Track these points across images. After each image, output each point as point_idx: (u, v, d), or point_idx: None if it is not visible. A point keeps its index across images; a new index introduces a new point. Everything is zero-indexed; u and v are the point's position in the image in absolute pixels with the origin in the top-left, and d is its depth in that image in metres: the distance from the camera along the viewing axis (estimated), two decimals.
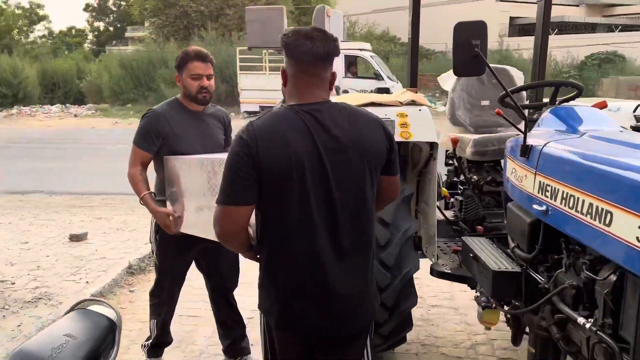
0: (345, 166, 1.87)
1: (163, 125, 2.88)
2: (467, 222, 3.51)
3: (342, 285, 1.87)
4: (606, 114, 2.63)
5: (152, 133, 2.88)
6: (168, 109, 2.95)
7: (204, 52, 2.96)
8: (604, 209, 1.82)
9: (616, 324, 1.86)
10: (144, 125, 2.92)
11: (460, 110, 3.70)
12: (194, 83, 2.89)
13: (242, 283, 4.68)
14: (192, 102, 2.96)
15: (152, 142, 2.88)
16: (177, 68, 2.94)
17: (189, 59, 2.90)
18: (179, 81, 2.94)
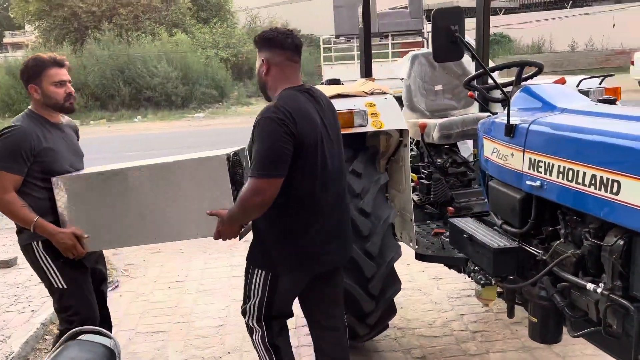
0: (335, 137, 2.41)
1: (33, 141, 2.57)
2: (435, 204, 3.60)
3: (345, 225, 2.51)
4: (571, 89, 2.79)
5: (23, 152, 2.53)
6: (30, 123, 2.63)
7: (61, 57, 2.72)
8: (610, 179, 1.93)
9: (626, 286, 1.98)
10: (10, 145, 2.54)
11: (417, 97, 3.78)
12: (59, 90, 2.64)
13: (203, 292, 4.52)
14: (53, 113, 2.71)
15: (23, 163, 2.54)
16: (31, 78, 2.64)
17: (46, 65, 2.63)
18: (36, 92, 2.64)
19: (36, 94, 2.63)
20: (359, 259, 2.95)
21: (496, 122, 2.71)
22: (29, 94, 2.67)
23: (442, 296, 4.29)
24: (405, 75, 3.77)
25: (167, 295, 4.47)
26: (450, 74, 3.86)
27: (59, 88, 2.64)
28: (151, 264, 5.18)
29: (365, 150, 3.16)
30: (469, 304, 4.12)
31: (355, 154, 3.10)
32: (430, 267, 4.69)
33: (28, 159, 2.55)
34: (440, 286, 4.44)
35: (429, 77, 3.83)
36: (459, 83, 3.88)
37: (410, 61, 3.83)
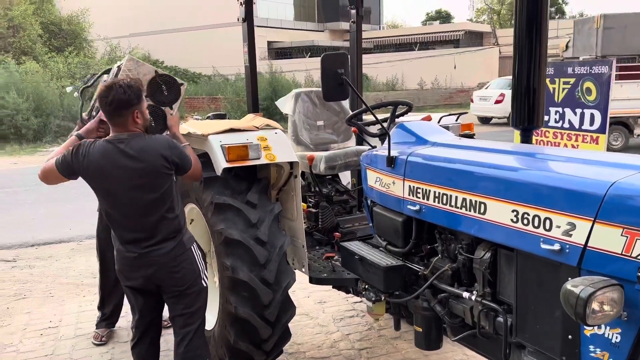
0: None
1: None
2: (323, 230, 3.84)
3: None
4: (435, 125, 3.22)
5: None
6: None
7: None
8: (478, 201, 2.30)
9: (494, 292, 2.35)
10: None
11: (302, 131, 4.03)
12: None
13: (82, 336, 4.25)
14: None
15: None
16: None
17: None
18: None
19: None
20: (256, 286, 3.05)
21: (378, 154, 3.04)
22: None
23: (327, 319, 4.51)
24: (290, 111, 4.02)
25: (40, 344, 4.14)
26: (330, 110, 4.19)
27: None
28: (16, 312, 4.74)
29: (258, 181, 3.31)
30: (353, 324, 4.39)
31: (249, 185, 3.24)
32: (314, 291, 4.92)
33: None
34: (326, 309, 4.67)
35: (312, 113, 4.12)
36: (339, 119, 4.22)
37: (294, 99, 4.09)
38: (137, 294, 2.84)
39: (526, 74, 2.64)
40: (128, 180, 2.58)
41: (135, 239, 2.67)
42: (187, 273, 2.76)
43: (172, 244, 2.70)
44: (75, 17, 26.04)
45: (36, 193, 9.84)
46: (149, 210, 2.63)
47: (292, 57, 34.58)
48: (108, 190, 2.63)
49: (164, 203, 2.66)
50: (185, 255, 2.76)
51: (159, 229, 2.66)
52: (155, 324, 2.98)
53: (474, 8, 55.30)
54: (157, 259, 2.67)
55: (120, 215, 2.67)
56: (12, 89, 16.99)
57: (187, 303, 2.80)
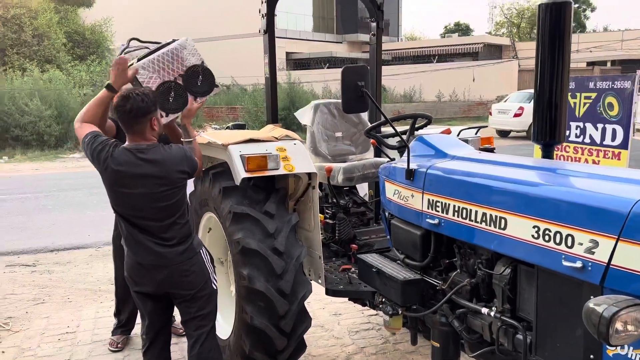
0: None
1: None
2: (340, 242, 3.83)
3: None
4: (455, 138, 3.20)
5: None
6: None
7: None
8: (498, 216, 2.28)
9: (514, 308, 2.32)
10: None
11: (320, 142, 4.04)
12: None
13: (98, 342, 4.28)
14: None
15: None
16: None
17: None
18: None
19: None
20: (272, 297, 3.05)
21: (397, 167, 3.03)
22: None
23: (343, 331, 4.48)
24: (309, 122, 4.04)
25: (57, 349, 4.18)
26: (348, 122, 4.20)
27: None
28: (35, 316, 4.80)
29: (276, 192, 3.32)
30: (368, 337, 4.36)
31: (267, 195, 3.25)
32: (329, 303, 4.90)
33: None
34: (341, 321, 4.64)
35: (330, 124, 4.13)
36: (357, 130, 4.22)
37: (313, 110, 4.11)
38: (146, 299, 2.88)
39: (548, 88, 2.62)
40: (145, 188, 2.62)
41: (146, 244, 2.71)
42: (197, 276, 2.80)
43: (183, 248, 2.74)
44: (98, 26, 26.50)
45: (56, 199, 9.99)
46: (162, 216, 2.68)
47: (310, 68, 34.77)
48: (123, 195, 2.67)
49: (177, 210, 2.72)
50: (195, 259, 2.80)
51: (170, 234, 2.71)
52: (165, 329, 3.01)
53: (493, 21, 55.16)
54: (168, 263, 2.72)
55: (132, 220, 2.71)
56: (35, 96, 17.32)
57: (199, 306, 2.85)
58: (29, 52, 21.60)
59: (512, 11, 50.11)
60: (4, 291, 5.37)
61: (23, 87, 17.87)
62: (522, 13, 49.17)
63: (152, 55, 2.96)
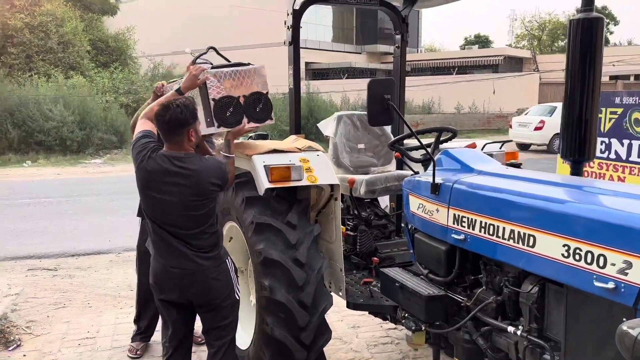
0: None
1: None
2: (361, 254, 3.80)
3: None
4: (480, 152, 3.17)
5: None
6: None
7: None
8: (527, 233, 2.24)
9: (541, 327, 2.28)
10: None
11: (342, 154, 4.04)
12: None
13: (118, 348, 4.31)
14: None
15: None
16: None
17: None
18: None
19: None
20: (293, 308, 3.04)
21: (421, 180, 3.00)
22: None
23: (361, 344, 4.44)
24: (332, 133, 4.03)
25: (77, 354, 4.20)
26: (371, 134, 4.19)
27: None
28: (56, 320, 4.85)
29: (298, 202, 3.32)
30: (387, 351, 4.31)
31: (290, 206, 3.25)
32: (347, 316, 4.87)
33: None
34: (359, 334, 4.60)
35: (353, 136, 4.13)
36: (380, 143, 4.21)
37: (336, 121, 4.11)
38: (171, 308, 2.88)
39: (578, 104, 2.58)
40: (177, 197, 2.64)
41: (173, 251, 2.73)
42: (223, 286, 2.81)
43: (210, 256, 2.76)
44: (122, 34, 26.93)
45: (78, 204, 10.12)
46: (190, 225, 2.70)
47: (329, 78, 34.88)
48: (153, 199, 2.71)
49: (206, 220, 2.73)
50: (222, 268, 2.81)
51: (198, 242, 2.73)
52: (188, 338, 3.01)
53: (513, 33, 54.86)
54: (196, 269, 2.73)
55: (162, 226, 2.73)
56: (59, 102, 17.61)
57: (222, 316, 2.86)
58: (54, 59, 21.99)
59: (534, 23, 49.82)
60: (26, 294, 5.44)
61: (48, 93, 18.19)
62: (544, 26, 48.84)
63: (226, 69, 3.11)
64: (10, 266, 6.45)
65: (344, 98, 26.71)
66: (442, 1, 4.36)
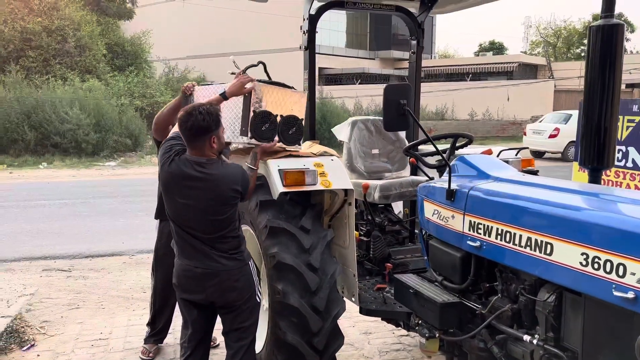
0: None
1: None
2: (374, 260, 3.79)
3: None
4: (497, 159, 3.14)
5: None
6: None
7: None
8: (544, 241, 2.22)
9: (558, 337, 2.25)
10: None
11: (356, 159, 4.03)
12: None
13: (130, 350, 4.32)
14: None
15: None
16: None
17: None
18: None
19: None
20: (306, 313, 3.03)
21: (436, 186, 2.99)
22: None
23: (373, 350, 4.41)
24: (346, 138, 4.03)
25: (90, 355, 4.23)
26: (385, 139, 4.18)
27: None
28: (70, 321, 4.88)
29: (312, 207, 3.31)
30: (399, 358, 4.28)
31: (303, 210, 3.24)
32: (359, 321, 4.84)
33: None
34: (371, 341, 4.58)
35: (367, 141, 4.12)
36: (394, 148, 4.20)
37: (350, 126, 4.11)
38: (191, 307, 2.91)
39: (597, 111, 2.55)
40: (197, 201, 2.68)
41: (196, 252, 2.76)
42: (244, 288, 2.83)
43: (232, 260, 2.78)
44: (137, 38, 27.20)
45: (92, 206, 10.20)
46: (211, 230, 2.73)
47: (342, 83, 34.90)
48: (174, 202, 2.76)
49: (227, 225, 2.76)
50: (245, 270, 2.83)
51: (220, 246, 2.76)
52: (206, 339, 3.03)
53: (528, 40, 54.53)
54: (219, 269, 2.75)
55: (183, 229, 2.77)
56: (75, 105, 17.81)
57: (242, 318, 2.87)
58: (71, 63, 22.25)
59: (549, 30, 49.50)
60: (41, 295, 5.49)
61: (64, 96, 18.41)
62: (559, 33, 48.50)
63: (273, 87, 3.19)
64: (25, 266, 6.52)
65: (357, 103, 26.72)
66: (458, 7, 4.35)
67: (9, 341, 4.32)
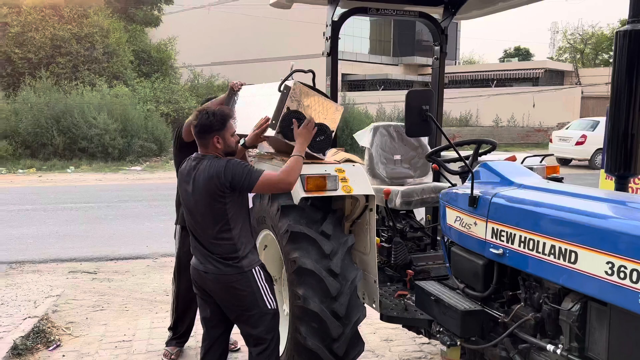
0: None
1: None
2: (395, 267, 3.77)
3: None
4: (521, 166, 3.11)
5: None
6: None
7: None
8: (569, 249, 2.18)
9: (582, 347, 2.20)
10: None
11: (378, 165, 4.03)
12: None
13: (153, 352, 4.37)
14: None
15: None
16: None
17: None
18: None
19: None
20: (326, 319, 3.03)
21: (459, 193, 2.96)
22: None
23: (394, 358, 4.38)
24: (368, 144, 4.03)
25: (114, 356, 4.29)
26: (408, 145, 4.17)
27: None
28: (94, 322, 4.96)
29: (333, 212, 3.32)
30: None
31: (324, 216, 3.25)
32: (380, 328, 4.82)
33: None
34: (392, 348, 4.54)
35: (389, 147, 4.11)
36: (416, 154, 4.18)
37: (372, 132, 4.11)
38: (205, 305, 3.00)
39: (624, 118, 2.51)
40: (188, 194, 2.85)
41: (198, 252, 2.90)
42: (245, 295, 2.85)
43: (227, 266, 2.82)
44: (163, 45, 27.64)
45: (117, 209, 10.38)
46: (204, 226, 2.83)
47: (365, 89, 34.89)
48: (182, 199, 2.94)
49: (216, 223, 2.80)
50: (244, 278, 2.84)
51: (214, 248, 2.83)
52: (222, 340, 3.06)
53: (555, 46, 53.76)
54: (213, 276, 2.84)
55: (190, 226, 2.93)
56: (103, 110, 18.17)
57: (251, 325, 2.91)
58: (99, 69, 22.71)
59: (576, 36, 48.74)
60: (67, 296, 5.59)
61: (92, 101, 18.79)
62: (587, 39, 47.69)
63: (312, 91, 3.24)
64: (52, 268, 6.66)
65: (380, 109, 26.66)
66: (482, 13, 4.32)
67: (35, 341, 4.41)
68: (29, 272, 6.46)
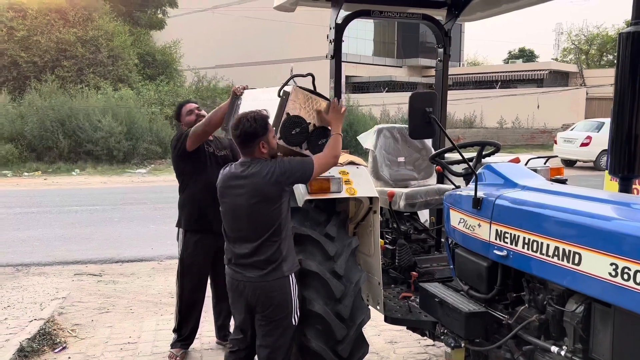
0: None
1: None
2: (399, 269, 3.77)
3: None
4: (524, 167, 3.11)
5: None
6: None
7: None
8: (572, 251, 2.18)
9: (586, 348, 2.21)
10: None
11: (382, 167, 4.03)
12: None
13: (158, 354, 4.38)
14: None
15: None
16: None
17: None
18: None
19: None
20: (330, 321, 3.04)
21: (462, 194, 2.97)
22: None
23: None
24: (372, 146, 4.04)
25: (119, 358, 4.30)
26: (411, 147, 4.17)
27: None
28: (100, 324, 4.98)
29: (337, 214, 3.33)
30: None
31: (328, 218, 3.26)
32: (385, 330, 4.82)
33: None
34: (397, 350, 4.54)
35: (393, 149, 4.12)
36: (420, 156, 4.19)
37: (376, 134, 4.11)
38: (236, 312, 3.03)
39: (628, 118, 2.51)
40: (238, 199, 2.82)
41: (238, 257, 2.88)
42: (279, 304, 2.86)
43: (267, 271, 2.83)
44: (168, 48, 27.75)
45: (122, 212, 10.42)
46: (256, 230, 2.82)
47: (369, 91, 34.90)
48: (223, 207, 2.92)
49: (271, 226, 2.81)
50: (282, 282, 2.85)
51: (260, 251, 2.82)
52: (250, 346, 3.08)
53: (559, 47, 53.61)
54: (252, 279, 2.84)
55: (229, 232, 2.92)
56: (108, 113, 18.24)
57: (267, 330, 2.90)
58: (104, 72, 22.83)
59: (581, 37, 48.58)
60: (72, 298, 5.62)
61: (97, 104, 18.88)
62: (592, 40, 47.52)
63: (311, 94, 3.21)
64: (58, 271, 6.69)
65: (384, 111, 26.66)
66: (485, 15, 4.33)
67: (41, 343, 4.43)
68: (35, 275, 6.50)
